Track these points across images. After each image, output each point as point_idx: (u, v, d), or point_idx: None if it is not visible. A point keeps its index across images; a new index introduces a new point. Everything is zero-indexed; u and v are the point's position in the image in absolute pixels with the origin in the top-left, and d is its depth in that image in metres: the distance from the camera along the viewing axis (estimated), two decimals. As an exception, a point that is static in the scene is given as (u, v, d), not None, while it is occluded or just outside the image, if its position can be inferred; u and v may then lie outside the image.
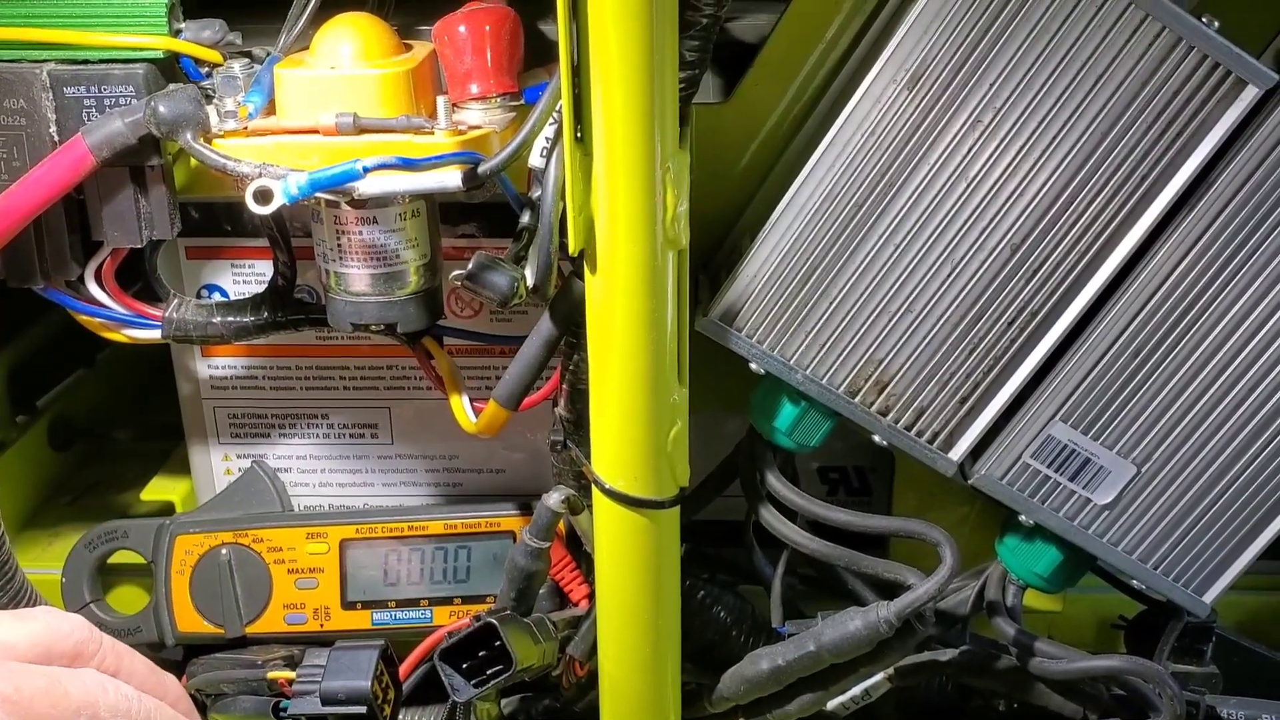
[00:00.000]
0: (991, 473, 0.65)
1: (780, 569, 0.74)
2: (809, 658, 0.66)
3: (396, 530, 0.73)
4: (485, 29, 0.61)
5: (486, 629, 0.60)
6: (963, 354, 0.63)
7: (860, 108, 0.60)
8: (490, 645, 0.60)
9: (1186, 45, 0.57)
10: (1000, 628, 0.68)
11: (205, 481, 0.78)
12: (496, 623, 0.60)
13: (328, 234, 0.61)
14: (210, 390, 0.76)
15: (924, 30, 0.58)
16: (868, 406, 0.65)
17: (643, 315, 0.54)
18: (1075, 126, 0.59)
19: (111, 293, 0.65)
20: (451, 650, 0.60)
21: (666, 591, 0.62)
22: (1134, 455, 0.64)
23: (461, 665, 0.60)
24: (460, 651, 0.61)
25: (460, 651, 0.61)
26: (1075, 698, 0.70)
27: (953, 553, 0.62)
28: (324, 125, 0.58)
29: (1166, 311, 0.61)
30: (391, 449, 0.77)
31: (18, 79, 0.59)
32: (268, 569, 0.72)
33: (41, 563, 0.79)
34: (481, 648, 0.61)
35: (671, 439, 0.57)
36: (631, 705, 0.64)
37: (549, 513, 0.65)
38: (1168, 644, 0.71)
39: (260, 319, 0.67)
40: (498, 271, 0.56)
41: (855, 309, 0.63)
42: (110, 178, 0.61)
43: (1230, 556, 0.65)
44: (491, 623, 0.60)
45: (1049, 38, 0.58)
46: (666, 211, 0.52)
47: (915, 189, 0.61)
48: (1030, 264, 0.61)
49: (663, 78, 0.50)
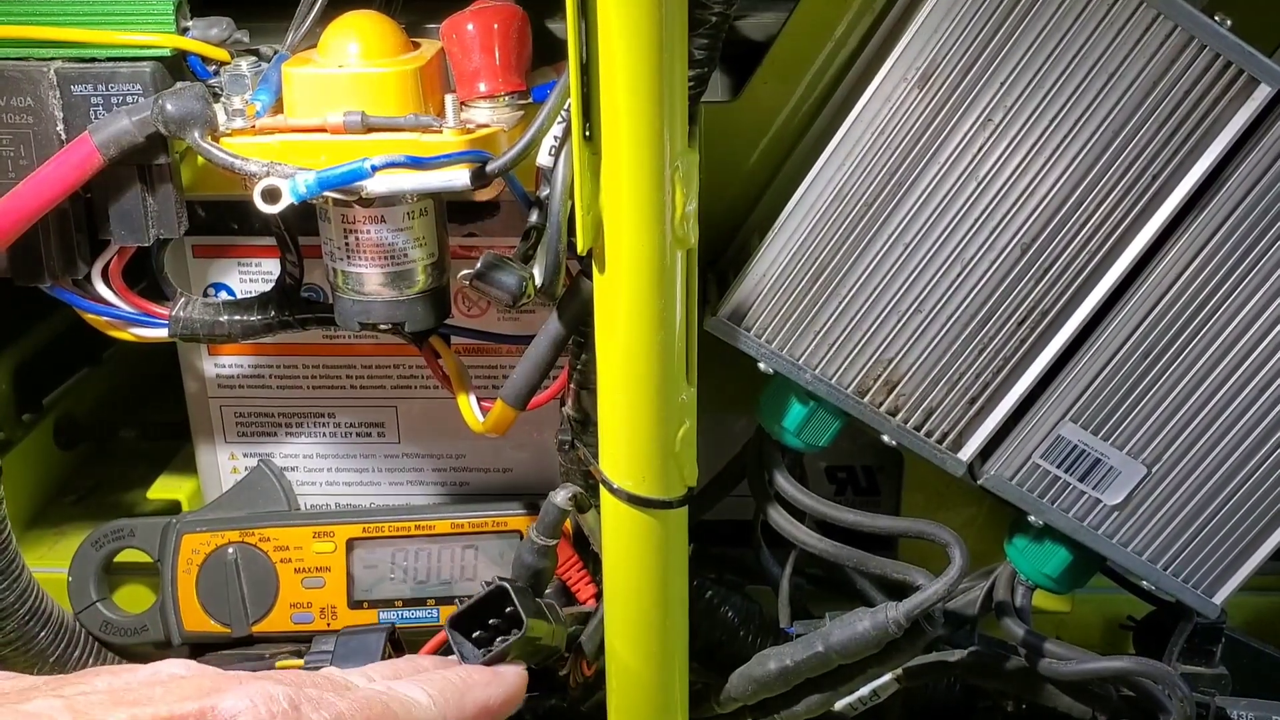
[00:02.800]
0: (1001, 473, 0.65)
1: (788, 569, 0.74)
2: (817, 658, 0.66)
3: (403, 529, 0.72)
4: (493, 27, 0.61)
5: (499, 593, 0.60)
6: (972, 354, 0.63)
7: (870, 106, 0.60)
8: (501, 613, 0.60)
9: (1199, 44, 0.57)
10: (1009, 628, 0.68)
11: (212, 480, 0.78)
12: (508, 584, 0.59)
13: (335, 233, 0.61)
14: (217, 389, 0.76)
15: (934, 29, 0.58)
16: (877, 406, 0.65)
17: (651, 314, 0.54)
18: (1086, 125, 0.59)
19: (118, 291, 0.65)
20: (462, 617, 0.60)
21: (674, 591, 0.61)
22: (1144, 456, 0.63)
23: (472, 634, 0.60)
24: (470, 619, 0.60)
25: (470, 619, 0.60)
26: (1084, 699, 0.70)
27: (961, 553, 0.62)
28: (332, 124, 0.58)
29: (1178, 311, 0.61)
30: (398, 448, 0.77)
31: (25, 77, 0.59)
32: (274, 568, 0.72)
33: (48, 561, 0.79)
34: (492, 616, 0.60)
35: (680, 439, 0.57)
36: (639, 705, 0.64)
37: (556, 510, 0.64)
38: (1177, 645, 0.71)
39: (267, 318, 0.67)
40: (506, 271, 0.56)
41: (864, 308, 0.63)
42: (117, 176, 0.60)
43: (1240, 557, 0.64)
44: (503, 585, 0.59)
45: (1060, 36, 0.57)
46: (675, 210, 0.52)
47: (925, 188, 0.60)
48: (1041, 263, 0.61)
49: (672, 76, 0.50)
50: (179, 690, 0.45)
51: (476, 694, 0.54)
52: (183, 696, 0.44)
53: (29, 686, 0.46)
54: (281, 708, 0.45)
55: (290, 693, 0.45)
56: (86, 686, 0.46)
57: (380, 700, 0.49)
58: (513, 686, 0.57)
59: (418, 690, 0.51)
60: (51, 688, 0.46)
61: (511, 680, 0.57)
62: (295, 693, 0.46)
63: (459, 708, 0.52)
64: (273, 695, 0.45)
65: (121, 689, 0.46)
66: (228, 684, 0.45)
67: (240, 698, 0.44)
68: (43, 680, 0.47)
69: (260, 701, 0.44)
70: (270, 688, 0.45)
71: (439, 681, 0.53)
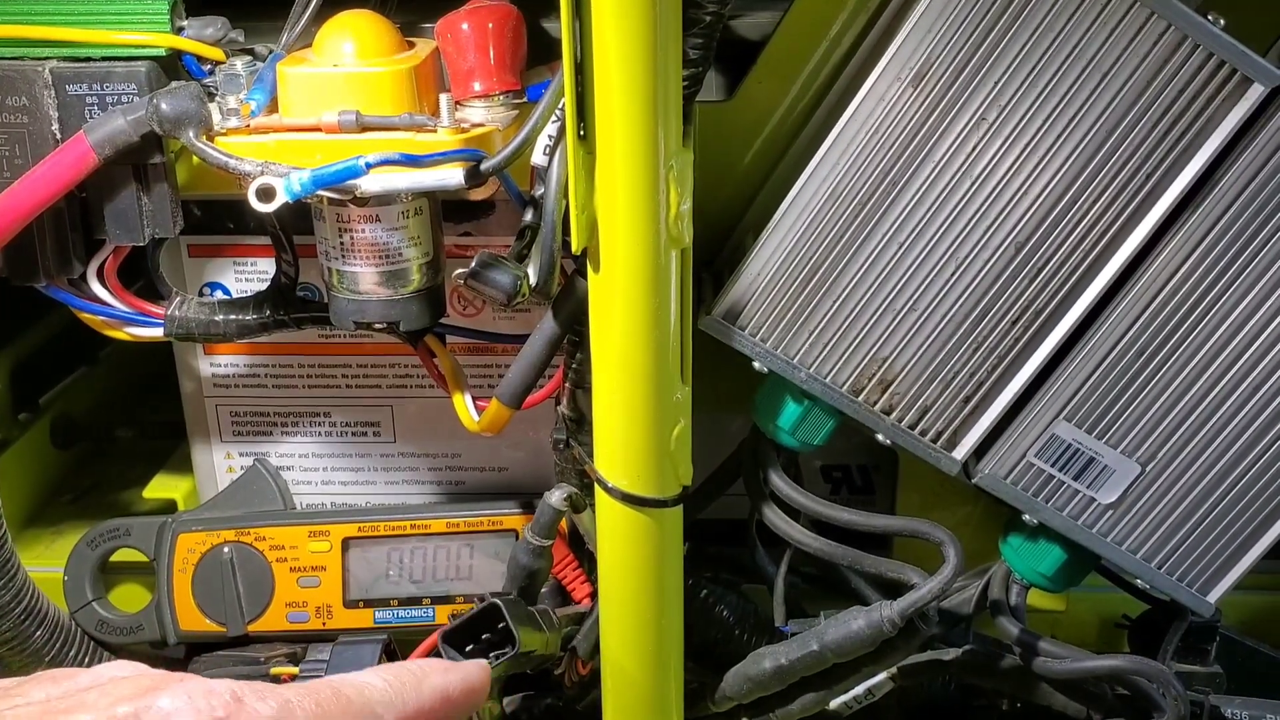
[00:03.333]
0: (995, 472, 0.65)
1: (783, 568, 0.74)
2: (812, 657, 0.66)
3: (399, 528, 0.72)
4: (488, 26, 0.61)
5: (490, 609, 0.60)
6: (967, 353, 0.63)
7: (864, 106, 0.60)
8: (494, 628, 0.60)
9: (1192, 43, 0.57)
10: (1004, 627, 0.68)
11: (207, 480, 0.78)
12: (500, 603, 0.60)
13: (330, 232, 0.61)
14: (212, 388, 0.76)
15: (928, 28, 0.58)
16: (871, 405, 0.65)
17: (646, 314, 0.54)
18: (1080, 124, 0.59)
19: (114, 290, 0.65)
20: (454, 633, 0.60)
21: (669, 590, 0.61)
22: (1138, 454, 0.63)
23: (465, 649, 0.60)
24: (463, 635, 0.60)
25: (463, 635, 0.60)
26: (1079, 697, 0.70)
27: (956, 552, 0.62)
28: (326, 123, 0.58)
29: (1171, 310, 0.61)
30: (394, 447, 0.77)
31: (20, 76, 0.59)
32: (270, 567, 0.72)
33: (44, 561, 0.79)
34: (485, 631, 0.60)
35: (675, 438, 0.57)
36: (634, 704, 0.64)
37: (551, 510, 0.64)
38: (1172, 644, 0.71)
39: (263, 317, 0.67)
40: (501, 270, 0.56)
41: (859, 308, 0.63)
42: (112, 176, 0.60)
43: (1235, 556, 0.64)
44: (495, 603, 0.59)
45: (1054, 35, 0.58)
46: (669, 210, 0.52)
47: (919, 187, 0.61)
48: (1034, 262, 0.61)
49: (666, 76, 0.50)
50: (115, 693, 0.44)
51: (434, 680, 0.53)
52: (118, 699, 0.43)
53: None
54: (223, 699, 0.44)
55: (233, 686, 0.45)
56: (21, 699, 0.45)
57: (329, 685, 0.48)
58: (472, 676, 0.55)
59: (370, 674, 0.51)
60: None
61: (471, 670, 0.55)
62: (238, 686, 0.45)
63: (416, 691, 0.51)
64: (213, 689, 0.44)
65: (58, 698, 0.44)
66: (167, 682, 0.44)
67: (178, 695, 0.43)
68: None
69: (199, 695, 0.43)
70: (212, 684, 0.44)
71: (393, 668, 0.52)
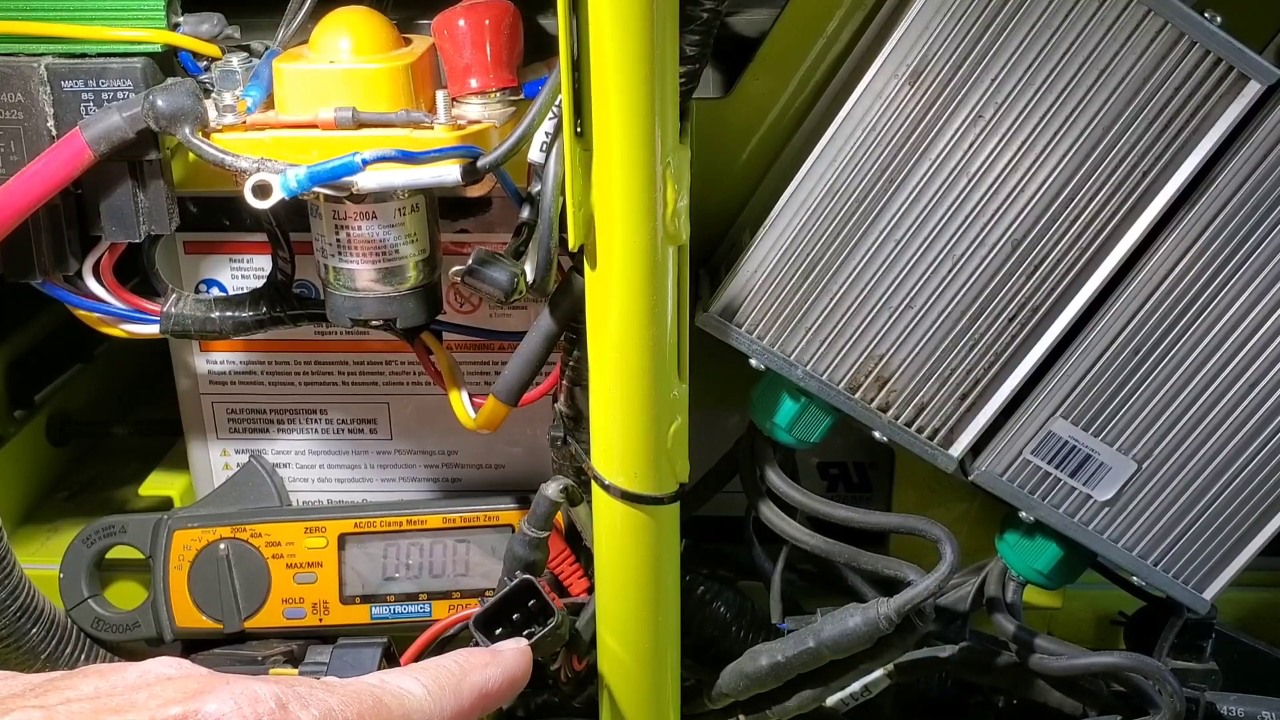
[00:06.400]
0: (992, 469, 0.65)
1: (780, 565, 0.74)
2: (809, 654, 0.66)
3: (395, 524, 0.72)
4: (485, 23, 0.60)
5: (524, 586, 0.59)
6: (963, 350, 0.63)
7: (861, 103, 0.60)
8: (523, 607, 0.60)
9: (1189, 41, 0.57)
10: (1000, 624, 0.68)
11: (203, 476, 0.78)
12: (533, 578, 0.59)
13: (326, 229, 0.61)
14: (208, 385, 0.76)
15: (926, 25, 0.58)
16: (868, 403, 0.65)
17: (643, 311, 0.54)
18: (1077, 122, 0.59)
19: (110, 288, 0.65)
20: (485, 617, 0.60)
21: (666, 587, 0.62)
22: (1134, 451, 0.64)
23: (495, 632, 0.60)
24: (494, 618, 0.60)
25: (494, 618, 0.60)
26: (1075, 694, 0.70)
27: (953, 549, 0.62)
28: (323, 120, 0.58)
29: (1168, 308, 0.61)
30: (390, 444, 0.77)
31: (15, 73, 0.59)
32: (266, 564, 0.72)
33: (39, 558, 0.79)
34: (514, 611, 0.60)
35: (671, 435, 0.57)
36: (631, 700, 0.64)
37: (547, 502, 0.64)
38: (1167, 640, 0.71)
39: (259, 314, 0.67)
40: (497, 267, 0.56)
41: (856, 305, 0.63)
42: (108, 172, 0.60)
43: (1231, 553, 0.65)
44: (529, 579, 0.59)
45: (1051, 33, 0.58)
46: (666, 207, 0.52)
47: (916, 185, 0.61)
48: (1031, 260, 0.61)
49: (663, 72, 0.50)
50: (164, 694, 0.44)
51: (474, 678, 0.53)
52: (167, 700, 0.44)
53: (10, 694, 0.45)
54: (268, 707, 0.44)
55: (277, 691, 0.45)
56: (72, 692, 0.45)
57: (371, 693, 0.48)
58: (513, 666, 0.55)
59: (410, 680, 0.51)
60: (36, 695, 0.45)
61: (511, 660, 0.55)
62: (283, 691, 0.45)
63: (455, 694, 0.51)
64: (258, 695, 0.44)
65: (107, 693, 0.45)
66: (214, 685, 0.45)
67: (225, 699, 0.44)
68: (26, 685, 0.46)
69: (245, 702, 0.44)
70: (257, 687, 0.45)
71: (432, 669, 0.52)
